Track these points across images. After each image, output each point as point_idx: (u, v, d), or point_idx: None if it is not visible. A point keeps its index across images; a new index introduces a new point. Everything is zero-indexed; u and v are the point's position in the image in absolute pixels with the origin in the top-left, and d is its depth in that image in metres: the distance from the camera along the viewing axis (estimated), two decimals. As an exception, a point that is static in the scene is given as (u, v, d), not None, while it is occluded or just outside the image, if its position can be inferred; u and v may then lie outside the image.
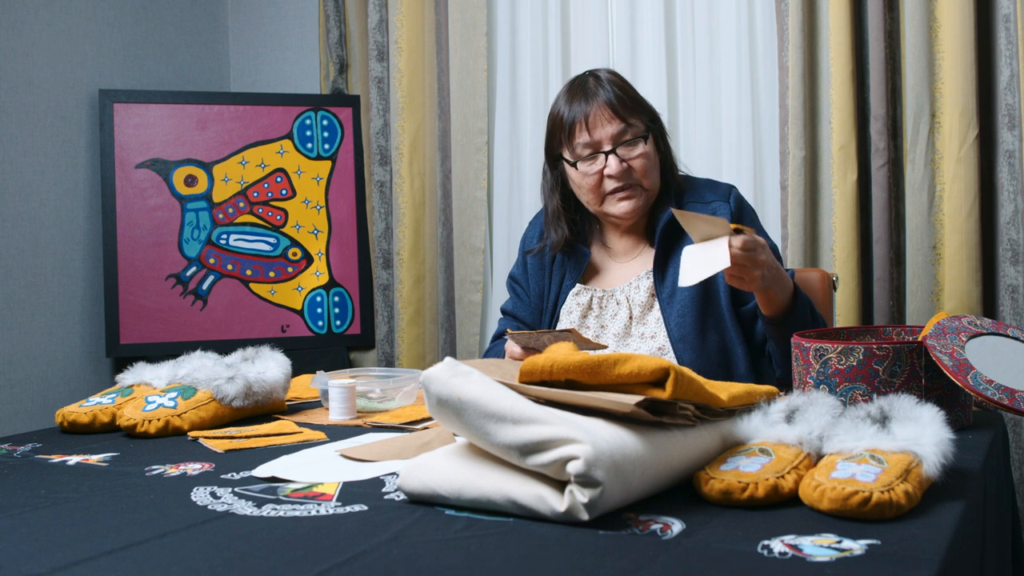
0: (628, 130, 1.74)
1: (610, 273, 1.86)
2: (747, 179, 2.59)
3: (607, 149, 1.74)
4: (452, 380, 0.98)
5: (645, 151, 1.75)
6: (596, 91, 1.76)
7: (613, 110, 1.74)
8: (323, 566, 0.81)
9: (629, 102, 1.76)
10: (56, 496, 1.08)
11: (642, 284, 1.79)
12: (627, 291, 1.80)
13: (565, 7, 2.82)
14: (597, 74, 1.80)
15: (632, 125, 1.75)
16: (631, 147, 1.74)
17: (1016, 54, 2.16)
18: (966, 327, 1.32)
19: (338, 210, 3.00)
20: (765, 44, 2.57)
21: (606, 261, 1.88)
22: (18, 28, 2.64)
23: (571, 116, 1.76)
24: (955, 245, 2.23)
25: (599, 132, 1.74)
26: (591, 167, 1.75)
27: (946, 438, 0.99)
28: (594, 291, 1.83)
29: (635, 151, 1.74)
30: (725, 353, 1.73)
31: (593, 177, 1.76)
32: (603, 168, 1.74)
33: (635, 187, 1.76)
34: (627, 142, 1.74)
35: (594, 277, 1.87)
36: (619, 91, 1.76)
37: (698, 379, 1.05)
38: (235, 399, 1.49)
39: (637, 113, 1.76)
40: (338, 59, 3.03)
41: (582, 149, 1.75)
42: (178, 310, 2.85)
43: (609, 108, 1.74)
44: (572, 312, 1.82)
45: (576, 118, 1.75)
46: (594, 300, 1.82)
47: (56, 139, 2.74)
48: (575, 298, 1.83)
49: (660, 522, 0.91)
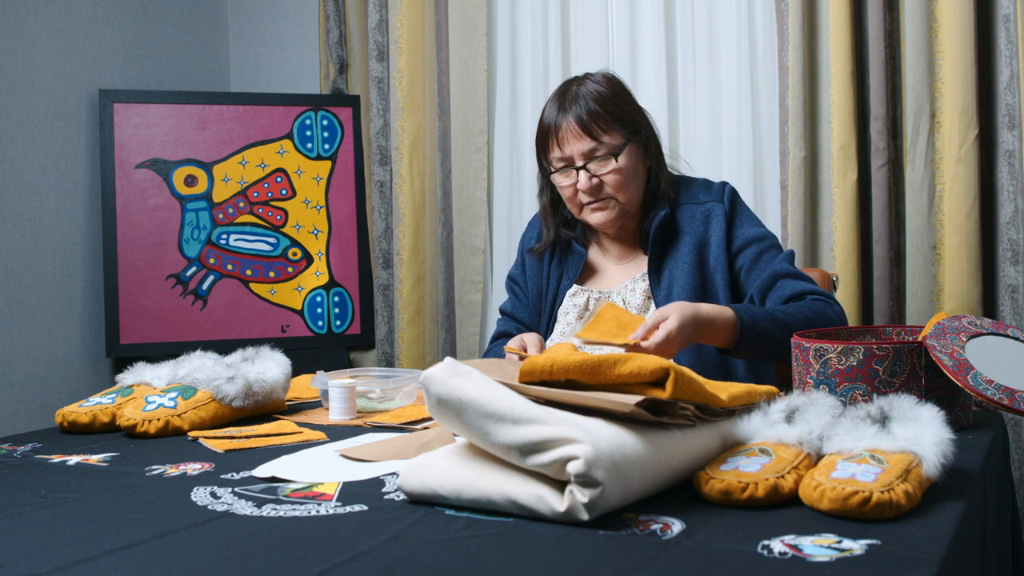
0: (599, 147, 1.72)
1: (607, 274, 1.86)
2: (747, 179, 2.59)
3: (578, 165, 1.73)
4: (452, 380, 0.98)
5: (618, 166, 1.72)
6: (571, 105, 1.73)
7: (583, 127, 1.71)
8: (323, 566, 0.81)
9: (605, 116, 1.71)
10: (56, 496, 1.08)
11: (638, 286, 1.79)
12: (623, 293, 1.80)
13: (565, 7, 2.82)
14: (583, 82, 1.77)
15: (603, 142, 1.71)
16: (603, 163, 1.72)
17: (1016, 54, 2.16)
18: (966, 327, 1.32)
19: (338, 210, 3.00)
20: (765, 44, 2.57)
21: (603, 262, 1.88)
22: (18, 28, 2.64)
23: (546, 128, 1.76)
24: (955, 245, 2.23)
25: (568, 148, 1.72)
26: (565, 180, 1.76)
27: (946, 438, 0.99)
28: (591, 292, 1.82)
29: (606, 167, 1.72)
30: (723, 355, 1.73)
31: (568, 189, 1.76)
32: (576, 182, 1.74)
33: (608, 200, 1.75)
34: (598, 158, 1.72)
35: (591, 278, 1.87)
36: (595, 104, 1.71)
37: (698, 379, 1.05)
38: (235, 399, 1.49)
39: (613, 128, 1.72)
40: (338, 59, 3.03)
41: (556, 162, 1.76)
42: (178, 310, 2.85)
43: (579, 125, 1.71)
44: (569, 313, 1.82)
45: (549, 132, 1.75)
46: (591, 301, 1.82)
47: (56, 139, 2.74)
48: (572, 299, 1.83)
49: (660, 522, 0.91)
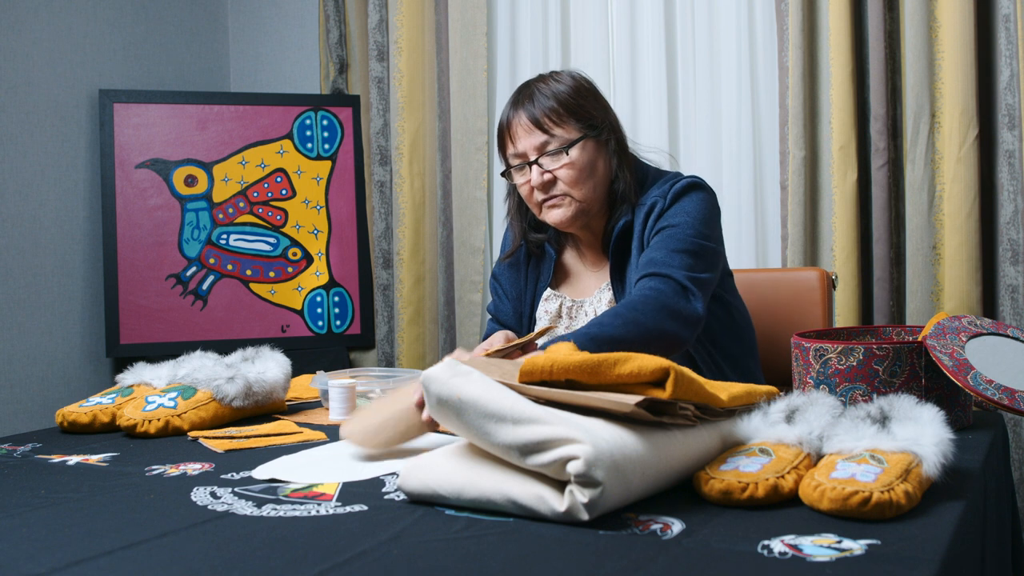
0: (551, 140, 1.68)
1: (581, 281, 1.82)
2: (747, 179, 2.59)
3: (531, 160, 1.70)
4: (452, 380, 0.98)
5: (570, 160, 1.68)
6: (524, 101, 1.71)
7: (533, 121, 1.68)
8: (323, 566, 0.81)
9: (559, 110, 1.68)
10: (56, 496, 1.08)
11: (604, 296, 1.74)
12: (593, 303, 1.75)
13: (565, 7, 2.82)
14: (543, 79, 1.74)
15: (554, 135, 1.68)
16: (555, 158, 1.69)
17: (1016, 54, 2.16)
18: (966, 327, 1.32)
19: (338, 210, 3.00)
20: (765, 44, 2.57)
21: (579, 266, 1.84)
22: (18, 28, 2.64)
23: (501, 126, 1.74)
24: (955, 245, 2.23)
25: (521, 143, 1.70)
26: (521, 177, 1.73)
27: (946, 438, 0.99)
28: (563, 299, 1.79)
29: (559, 162, 1.68)
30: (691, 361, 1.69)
31: (525, 187, 1.73)
32: (530, 179, 1.71)
33: (562, 196, 1.70)
34: (550, 152, 1.69)
35: (566, 282, 1.84)
36: (549, 100, 1.69)
37: (698, 379, 1.05)
38: (235, 399, 1.49)
39: (566, 122, 1.68)
40: (338, 59, 3.03)
41: (512, 159, 1.73)
42: (178, 310, 2.85)
43: (528, 119, 1.69)
44: (542, 319, 1.79)
45: (503, 128, 1.74)
46: (564, 308, 1.78)
47: (56, 139, 2.74)
48: (544, 304, 1.80)
49: (660, 522, 0.91)
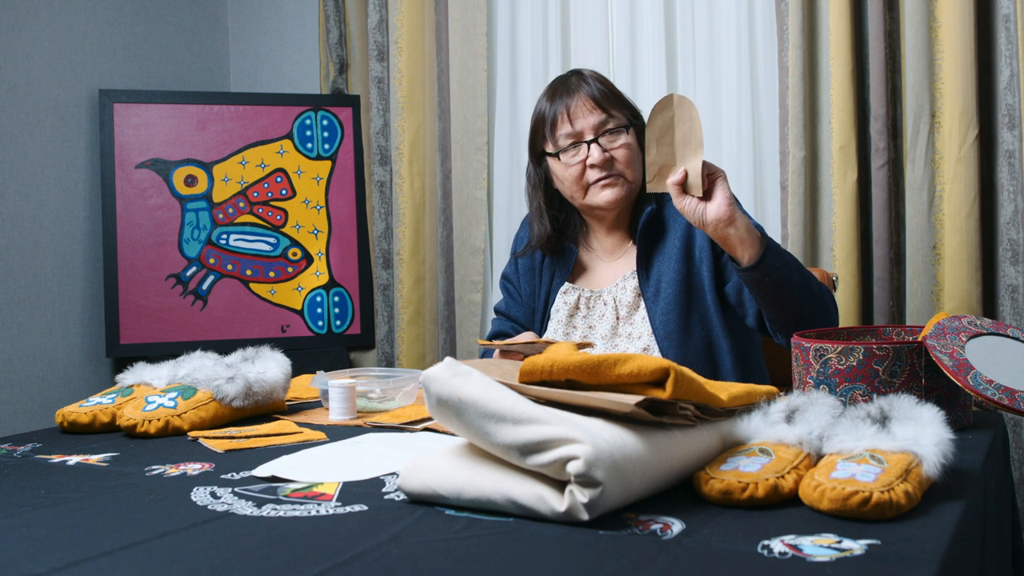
0: (610, 120, 1.76)
1: (597, 273, 1.86)
2: (747, 179, 2.59)
3: (589, 138, 1.75)
4: (452, 380, 0.98)
5: (627, 142, 1.76)
6: (579, 85, 1.79)
7: (595, 101, 1.76)
8: (323, 566, 0.81)
9: (611, 95, 1.78)
10: (56, 496, 1.08)
11: (628, 284, 1.79)
12: (614, 292, 1.80)
13: (565, 7, 2.82)
14: (580, 71, 1.84)
15: (614, 116, 1.77)
16: (613, 137, 1.76)
17: (1016, 54, 2.16)
18: (966, 327, 1.32)
19: (338, 210, 3.00)
20: (765, 44, 2.57)
21: (593, 260, 1.88)
22: (18, 28, 2.64)
23: (553, 110, 1.79)
24: (955, 245, 2.23)
25: (580, 122, 1.76)
26: (574, 157, 1.77)
27: (946, 438, 0.99)
28: (581, 291, 1.83)
29: (617, 141, 1.76)
30: (710, 349, 1.73)
31: (576, 168, 1.77)
32: (585, 158, 1.75)
33: (618, 176, 1.77)
34: (609, 131, 1.76)
35: (582, 276, 1.88)
36: (601, 86, 1.79)
37: (698, 379, 1.05)
38: (235, 399, 1.48)
39: (619, 106, 1.79)
40: (338, 59, 3.03)
41: (564, 140, 1.77)
42: (178, 310, 2.85)
43: (591, 99, 1.76)
44: (560, 311, 1.82)
45: (558, 111, 1.78)
46: (581, 300, 1.82)
47: (56, 139, 2.74)
48: (563, 297, 1.83)
49: (660, 522, 0.91)
